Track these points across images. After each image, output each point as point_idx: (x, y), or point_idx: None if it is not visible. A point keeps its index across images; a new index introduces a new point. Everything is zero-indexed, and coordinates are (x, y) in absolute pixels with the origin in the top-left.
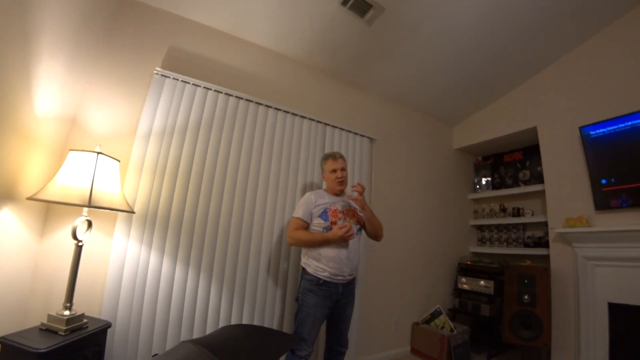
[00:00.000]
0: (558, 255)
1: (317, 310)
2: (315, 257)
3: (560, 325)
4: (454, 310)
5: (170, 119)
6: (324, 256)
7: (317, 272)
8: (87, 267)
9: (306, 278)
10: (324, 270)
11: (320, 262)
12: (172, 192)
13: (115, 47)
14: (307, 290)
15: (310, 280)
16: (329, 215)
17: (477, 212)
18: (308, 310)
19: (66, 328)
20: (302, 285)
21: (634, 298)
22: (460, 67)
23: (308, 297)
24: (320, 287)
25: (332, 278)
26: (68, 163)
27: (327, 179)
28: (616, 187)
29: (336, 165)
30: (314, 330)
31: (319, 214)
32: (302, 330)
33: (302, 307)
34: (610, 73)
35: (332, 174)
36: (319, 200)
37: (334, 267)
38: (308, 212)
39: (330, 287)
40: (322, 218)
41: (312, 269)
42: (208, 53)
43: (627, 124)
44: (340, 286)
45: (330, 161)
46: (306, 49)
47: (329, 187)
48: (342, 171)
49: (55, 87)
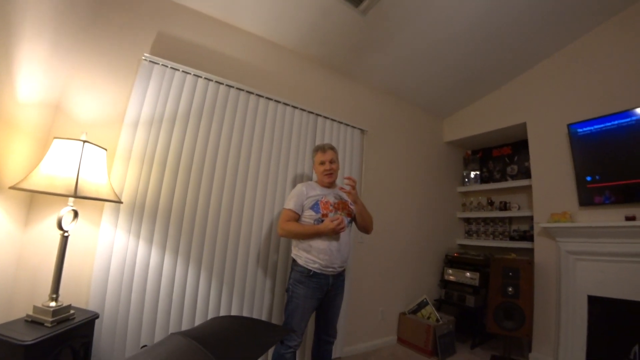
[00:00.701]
0: (542, 249)
1: (306, 302)
2: (305, 248)
3: (541, 316)
4: (440, 301)
5: (159, 106)
6: (314, 248)
7: (307, 264)
8: (73, 258)
9: (296, 269)
10: (314, 262)
11: (310, 253)
12: (161, 181)
13: (102, 31)
14: (297, 282)
15: (301, 272)
16: (320, 207)
17: (465, 205)
18: (298, 301)
19: (52, 319)
20: (292, 277)
21: (611, 291)
22: (452, 60)
23: (298, 288)
24: (311, 279)
25: (322, 270)
26: (52, 151)
27: (316, 171)
28: (600, 184)
29: (325, 158)
30: (304, 321)
31: (310, 206)
32: (292, 320)
33: (292, 298)
34: (599, 72)
35: (320, 166)
36: (311, 192)
37: (325, 259)
38: (299, 204)
39: (321, 278)
40: (314, 210)
41: (302, 260)
42: (198, 39)
43: (613, 123)
44: (330, 278)
45: (319, 153)
46: (299, 37)
47: (319, 179)
48: (331, 163)
49: (39, 71)
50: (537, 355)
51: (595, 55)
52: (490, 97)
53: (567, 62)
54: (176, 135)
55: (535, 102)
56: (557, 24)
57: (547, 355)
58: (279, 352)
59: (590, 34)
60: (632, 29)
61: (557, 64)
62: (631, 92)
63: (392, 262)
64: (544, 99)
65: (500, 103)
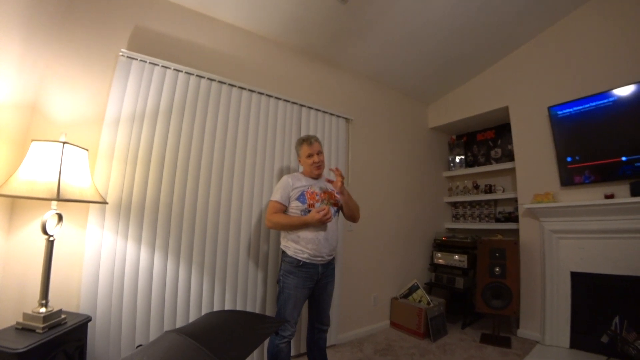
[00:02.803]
0: (527, 229)
1: (298, 291)
2: (294, 239)
3: (528, 294)
4: (430, 285)
5: (140, 103)
6: (302, 238)
7: (296, 254)
8: (60, 262)
9: (286, 260)
10: (303, 252)
11: (299, 244)
12: (146, 179)
13: (76, 26)
14: (288, 272)
15: (290, 263)
16: (307, 197)
17: (451, 190)
18: (289, 291)
19: (44, 325)
20: (282, 268)
21: (592, 266)
22: (435, 46)
23: (289, 278)
24: (300, 269)
25: (311, 259)
26: (31, 155)
27: (303, 163)
28: (580, 165)
29: (312, 150)
30: (296, 310)
31: (296, 197)
32: (285, 311)
33: (284, 288)
34: (578, 55)
35: (308, 158)
36: (297, 183)
37: (313, 249)
38: (286, 195)
39: (310, 268)
40: (300, 201)
41: (291, 251)
42: (177, 33)
43: (592, 105)
44: (319, 267)
45: (305, 146)
46: (280, 27)
47: (306, 171)
48: (319, 155)
49: (11, 71)
50: (525, 331)
51: (574, 38)
52: (472, 82)
53: (547, 45)
54: (159, 131)
55: (517, 86)
56: (536, 7)
57: (534, 330)
58: (274, 342)
59: (568, 16)
60: (610, 11)
61: (537, 47)
62: (608, 74)
63: (382, 248)
64: (525, 82)
65: (483, 88)
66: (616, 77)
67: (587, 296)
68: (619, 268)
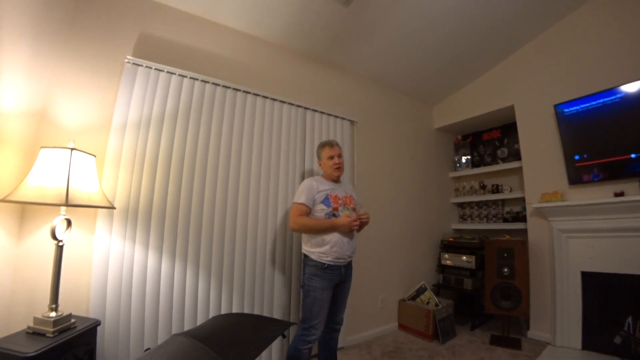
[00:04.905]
0: (535, 229)
1: (324, 294)
2: (318, 243)
3: (537, 295)
4: (438, 286)
5: (146, 109)
6: (327, 242)
7: (320, 258)
8: (70, 266)
9: (310, 264)
10: (327, 255)
11: (323, 247)
12: (153, 184)
13: (82, 35)
14: (313, 275)
15: (315, 266)
16: (331, 201)
17: (457, 190)
18: (315, 294)
19: (54, 329)
20: (306, 272)
21: (603, 266)
22: (438, 46)
23: (314, 281)
24: (325, 271)
25: (335, 261)
26: (40, 161)
27: (324, 165)
28: (588, 163)
29: (333, 152)
30: (322, 313)
31: (321, 200)
32: (312, 315)
33: (309, 292)
34: (583, 52)
35: (329, 160)
36: (320, 187)
37: (337, 252)
38: (311, 198)
39: (334, 270)
40: (325, 204)
41: (315, 255)
42: (181, 39)
43: (599, 102)
44: (342, 268)
45: (327, 148)
46: (282, 31)
47: (325, 173)
48: (339, 157)
49: (20, 79)
50: (535, 332)
51: (579, 35)
52: (477, 82)
53: (552, 43)
54: (165, 136)
55: (522, 84)
56: (541, 5)
57: (545, 331)
58: (296, 347)
59: (574, 13)
60: (614, 8)
61: (542, 45)
62: (615, 70)
63: (389, 250)
64: (530, 81)
65: (488, 87)
66: (623, 73)
67: (598, 296)
68: (630, 267)
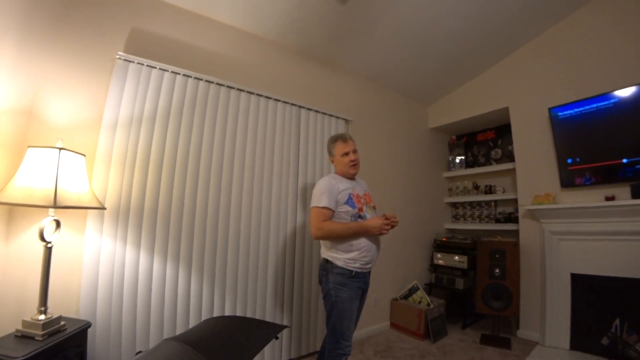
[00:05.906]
0: (527, 230)
1: (353, 304)
2: (346, 249)
3: (528, 295)
4: (430, 285)
5: (138, 106)
6: (356, 247)
7: (347, 265)
8: (59, 268)
9: (335, 272)
10: (355, 262)
11: (351, 253)
12: (144, 183)
13: (71, 30)
14: (340, 285)
15: (342, 274)
16: (355, 201)
17: (451, 190)
18: (344, 305)
19: (43, 332)
20: (331, 280)
21: (592, 268)
22: (435, 46)
23: (342, 291)
24: (353, 279)
25: (362, 268)
26: (27, 161)
27: (337, 162)
28: (581, 166)
29: (348, 148)
30: (352, 324)
31: (345, 201)
32: (341, 327)
33: (337, 302)
34: (579, 56)
35: (344, 157)
36: (340, 185)
37: (366, 257)
38: (333, 200)
39: (361, 277)
40: (349, 205)
41: (341, 262)
42: (174, 34)
43: (592, 106)
44: (367, 275)
45: (340, 143)
46: (278, 28)
47: (339, 171)
48: (355, 153)
49: (6, 76)
50: (525, 332)
51: (575, 40)
52: (472, 83)
53: (547, 46)
54: (157, 135)
55: (517, 87)
56: (537, 8)
57: (534, 331)
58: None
59: (569, 17)
60: (610, 12)
61: (537, 48)
62: (610, 75)
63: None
64: (526, 83)
65: (483, 88)
66: (617, 78)
67: (587, 298)
68: (619, 270)
